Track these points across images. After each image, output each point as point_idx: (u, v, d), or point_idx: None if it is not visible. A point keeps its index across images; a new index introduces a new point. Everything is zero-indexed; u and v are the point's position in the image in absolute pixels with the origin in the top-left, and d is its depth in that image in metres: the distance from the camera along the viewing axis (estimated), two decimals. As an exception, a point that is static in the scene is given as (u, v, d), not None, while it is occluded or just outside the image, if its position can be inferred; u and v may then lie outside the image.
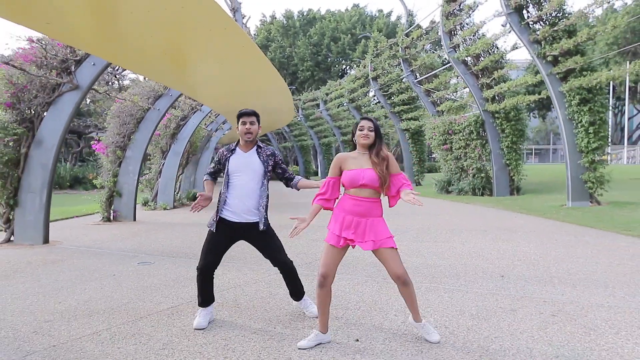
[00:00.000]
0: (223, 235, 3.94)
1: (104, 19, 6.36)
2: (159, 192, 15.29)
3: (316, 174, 43.45)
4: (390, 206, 3.57)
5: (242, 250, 7.14)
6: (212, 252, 3.95)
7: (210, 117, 20.15)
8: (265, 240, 4.00)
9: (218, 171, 4.18)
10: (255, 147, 4.07)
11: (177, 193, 16.68)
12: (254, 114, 4.04)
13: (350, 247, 3.49)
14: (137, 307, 4.53)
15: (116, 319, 4.19)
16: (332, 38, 51.90)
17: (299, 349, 3.41)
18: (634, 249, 6.96)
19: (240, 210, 3.90)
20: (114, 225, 11.09)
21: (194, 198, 18.14)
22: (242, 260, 6.55)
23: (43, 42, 7.99)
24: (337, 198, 3.57)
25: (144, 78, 14.30)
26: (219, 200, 4.02)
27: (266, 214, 4.01)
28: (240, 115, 4.02)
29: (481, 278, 5.43)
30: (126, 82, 40.78)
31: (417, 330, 3.61)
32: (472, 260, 6.39)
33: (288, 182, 4.20)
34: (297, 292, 4.16)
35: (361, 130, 3.51)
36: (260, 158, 4.02)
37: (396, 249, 3.44)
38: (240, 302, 4.66)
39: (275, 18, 57.24)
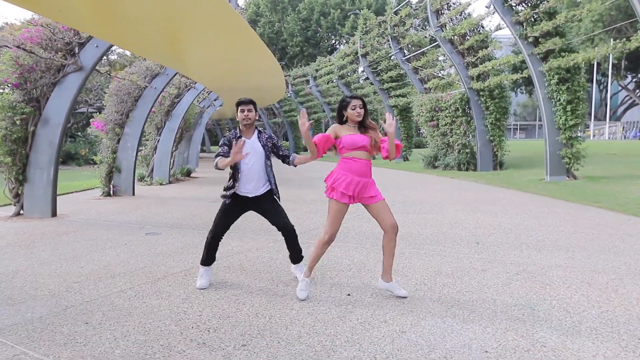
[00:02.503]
0: (236, 206, 4.50)
1: (107, 4, 6.77)
2: (155, 168, 15.76)
3: (305, 149, 43.91)
4: (383, 158, 4.18)
5: (241, 222, 7.73)
6: (224, 221, 4.51)
7: (203, 94, 20.48)
8: (272, 207, 4.55)
9: (229, 152, 4.51)
10: (256, 132, 4.55)
11: (172, 169, 17.14)
12: (251, 102, 4.50)
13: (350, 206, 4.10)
14: (153, 270, 5.11)
15: (137, 280, 4.78)
16: (321, 13, 51.78)
17: (301, 300, 4.04)
18: (598, 219, 7.66)
19: (252, 188, 4.44)
20: (115, 200, 11.60)
21: (188, 174, 18.63)
22: (242, 231, 7.12)
23: (50, 26, 8.37)
24: (324, 148, 4.06)
25: (130, 53, 14.60)
26: (231, 179, 4.51)
27: (276, 185, 4.58)
28: (239, 103, 4.48)
29: (458, 244, 6.08)
30: (113, 57, 40.67)
31: (387, 289, 4.13)
32: (452, 230, 7.04)
33: (285, 159, 4.64)
34: (296, 255, 4.67)
35: (353, 109, 4.04)
36: (261, 142, 4.51)
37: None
38: (245, 266, 5.25)
39: (264, -8, 56.80)
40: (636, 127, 49.49)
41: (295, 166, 4.72)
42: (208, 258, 4.60)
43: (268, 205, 4.56)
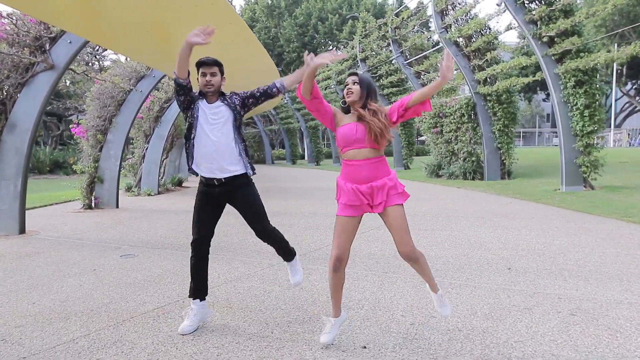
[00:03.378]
0: (207, 196, 3.61)
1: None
2: (143, 177, 14.77)
3: (303, 157, 42.99)
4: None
5: (230, 241, 6.78)
6: (201, 220, 3.60)
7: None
8: (246, 201, 3.61)
9: (184, 87, 3.59)
10: (219, 98, 3.65)
11: (162, 178, 16.17)
12: (216, 63, 3.62)
13: (362, 218, 3.25)
14: (119, 308, 4.14)
15: (95, 323, 3.80)
16: (318, 18, 50.99)
17: (323, 344, 3.20)
18: (639, 237, 6.72)
19: (213, 169, 3.51)
20: (96, 213, 10.62)
21: (179, 183, 17.65)
22: (231, 252, 6.16)
23: (13, 18, 7.42)
24: (317, 98, 3.29)
25: (126, 58, 13.72)
26: (188, 159, 3.60)
27: (249, 160, 3.66)
28: (200, 64, 3.57)
29: (487, 271, 5.13)
30: (107, 63, 39.71)
31: (432, 297, 3.37)
32: (475, 251, 6.09)
33: (268, 91, 3.73)
34: (287, 254, 3.91)
35: (346, 85, 3.26)
36: (224, 103, 3.61)
37: (402, 205, 3.15)
38: (232, 301, 4.29)
39: (260, -3, 56.02)
40: None
41: (287, 91, 3.79)
42: (195, 285, 3.64)
43: (241, 198, 3.60)
